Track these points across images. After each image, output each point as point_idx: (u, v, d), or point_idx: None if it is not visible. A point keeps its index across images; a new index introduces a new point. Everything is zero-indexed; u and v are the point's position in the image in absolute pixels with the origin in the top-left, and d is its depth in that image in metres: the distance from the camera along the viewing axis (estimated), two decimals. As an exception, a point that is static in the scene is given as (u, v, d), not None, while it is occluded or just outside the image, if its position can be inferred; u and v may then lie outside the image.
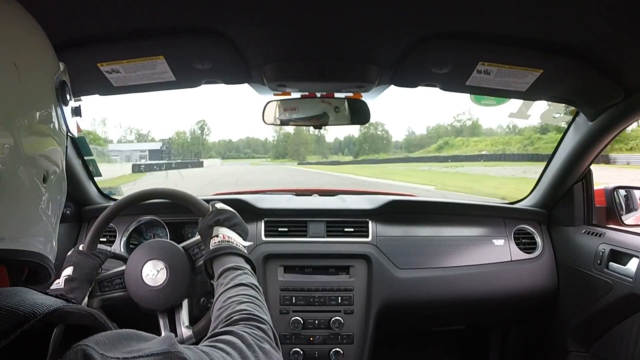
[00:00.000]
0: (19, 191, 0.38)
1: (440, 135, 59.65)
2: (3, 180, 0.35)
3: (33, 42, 0.41)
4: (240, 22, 0.79)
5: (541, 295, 1.34)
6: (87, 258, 0.92)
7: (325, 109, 1.13)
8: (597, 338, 1.22)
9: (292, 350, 1.21)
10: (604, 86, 0.96)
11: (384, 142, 66.22)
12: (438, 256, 1.32)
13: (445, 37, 0.83)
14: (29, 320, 0.31)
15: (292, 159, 58.13)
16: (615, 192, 1.33)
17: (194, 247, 0.94)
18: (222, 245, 0.80)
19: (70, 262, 0.90)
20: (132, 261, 0.92)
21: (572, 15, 0.74)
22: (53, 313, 0.33)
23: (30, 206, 0.40)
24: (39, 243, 0.42)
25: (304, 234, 1.32)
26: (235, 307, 0.59)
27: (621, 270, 1.10)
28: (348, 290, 1.24)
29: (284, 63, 0.96)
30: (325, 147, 69.51)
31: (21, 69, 0.37)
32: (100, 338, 0.34)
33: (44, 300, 0.34)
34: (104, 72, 0.92)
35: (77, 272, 0.89)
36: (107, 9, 0.75)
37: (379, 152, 60.61)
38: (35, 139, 0.39)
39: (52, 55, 0.45)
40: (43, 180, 0.41)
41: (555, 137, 1.36)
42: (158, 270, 0.89)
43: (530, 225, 1.41)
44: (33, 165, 0.39)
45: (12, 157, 0.36)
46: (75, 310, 0.35)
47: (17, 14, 0.40)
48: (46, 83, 0.42)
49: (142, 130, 76.61)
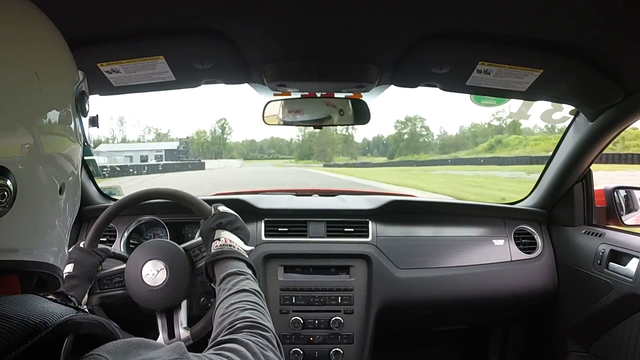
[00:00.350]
0: (37, 199, 0.38)
1: (476, 135, 54.08)
2: (24, 189, 0.35)
3: (54, 52, 0.41)
4: (241, 22, 0.79)
5: (541, 295, 1.34)
6: (87, 255, 0.92)
7: (330, 111, 1.14)
8: (597, 338, 1.22)
9: (292, 350, 1.21)
10: (604, 86, 0.96)
11: (425, 141, 59.81)
12: (438, 256, 1.32)
13: (445, 37, 0.83)
14: (40, 331, 0.31)
15: (318, 159, 55.27)
16: (615, 192, 1.33)
17: (195, 248, 0.94)
18: (224, 249, 0.80)
19: (71, 259, 0.90)
20: (132, 261, 0.92)
21: (573, 15, 0.74)
22: (65, 324, 0.33)
23: (46, 215, 0.40)
24: (52, 254, 0.42)
25: (304, 234, 1.32)
26: (239, 314, 0.59)
27: (621, 270, 1.10)
28: (348, 290, 1.24)
29: (284, 63, 0.96)
30: (354, 147, 65.41)
31: (42, 79, 0.37)
32: (111, 347, 0.34)
33: (54, 309, 0.34)
34: (104, 72, 0.92)
35: (78, 270, 0.89)
36: (107, 8, 0.75)
37: (419, 152, 54.60)
38: (54, 146, 0.39)
39: (72, 65, 0.45)
40: (59, 190, 0.41)
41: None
42: (158, 271, 0.89)
43: (530, 226, 1.41)
44: (51, 169, 0.39)
45: (31, 161, 0.36)
46: (86, 320, 0.35)
47: (39, 24, 0.40)
48: (66, 93, 0.42)
49: (161, 129, 75.47)
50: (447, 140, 59.06)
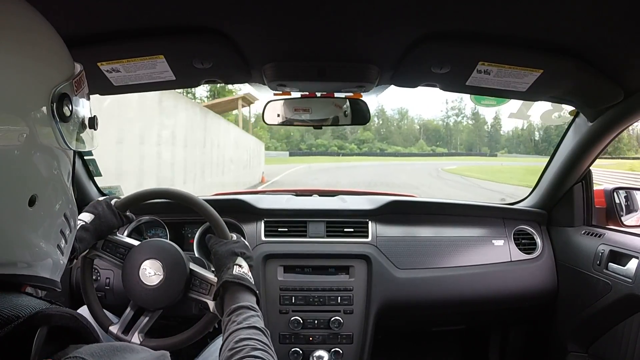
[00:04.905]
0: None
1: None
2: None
3: (30, 48, 0.39)
4: (241, 21, 0.79)
5: (541, 296, 1.34)
6: (111, 215, 0.88)
7: (336, 111, 1.14)
8: (597, 338, 1.22)
9: (292, 350, 1.21)
10: (604, 86, 0.96)
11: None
12: (438, 256, 1.32)
13: (445, 37, 0.83)
14: (12, 322, 0.32)
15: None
16: (615, 192, 1.33)
17: (200, 279, 0.89)
18: (246, 276, 0.79)
19: (94, 212, 0.86)
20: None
21: (573, 16, 0.74)
22: (35, 316, 0.34)
23: (14, 228, 0.38)
24: (48, 269, 0.42)
25: (303, 234, 1.32)
26: (250, 351, 0.59)
27: (620, 271, 1.10)
28: (348, 290, 1.24)
29: (284, 63, 0.96)
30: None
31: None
32: (95, 349, 0.35)
33: (27, 302, 0.35)
34: (104, 71, 0.92)
35: (94, 225, 0.85)
36: (107, 8, 0.75)
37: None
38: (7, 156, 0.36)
39: (51, 63, 0.41)
40: (29, 202, 0.38)
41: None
42: (155, 270, 0.88)
43: (530, 226, 1.41)
44: (11, 179, 0.36)
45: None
46: (57, 312, 0.36)
47: (23, 18, 0.39)
48: (38, 95, 0.39)
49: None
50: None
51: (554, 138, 40.94)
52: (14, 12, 0.38)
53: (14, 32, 0.37)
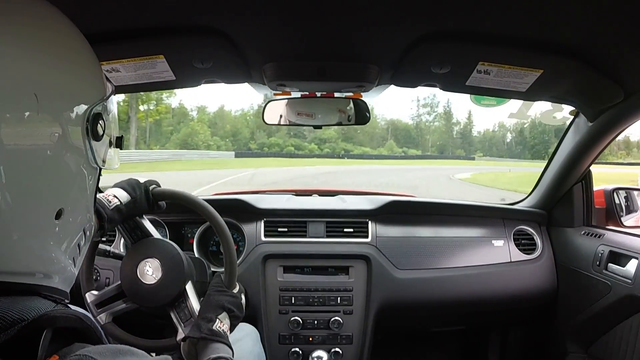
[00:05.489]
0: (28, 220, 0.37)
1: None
2: (16, 211, 0.35)
3: (64, 67, 0.39)
4: (241, 21, 0.79)
5: (540, 297, 1.34)
6: (146, 201, 0.85)
7: (341, 118, 1.15)
8: (596, 339, 1.22)
9: (291, 351, 1.21)
10: (604, 86, 0.96)
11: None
12: (437, 257, 1.32)
13: (445, 37, 0.83)
14: (16, 325, 0.32)
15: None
16: (614, 193, 1.33)
17: (185, 301, 0.86)
18: (222, 334, 0.76)
19: (133, 194, 0.83)
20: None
21: (573, 16, 0.74)
22: (40, 318, 0.34)
23: (41, 239, 0.39)
24: (62, 281, 0.42)
25: (303, 234, 1.31)
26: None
27: (620, 271, 1.10)
28: (347, 291, 1.24)
29: (284, 62, 0.96)
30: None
31: (42, 100, 0.35)
32: (102, 350, 0.35)
33: (34, 304, 0.35)
34: (104, 71, 0.91)
35: (128, 207, 0.82)
36: (107, 7, 0.75)
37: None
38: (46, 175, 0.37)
39: (91, 83, 0.43)
40: (56, 215, 0.39)
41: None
42: (153, 269, 0.88)
43: (530, 226, 1.41)
44: (44, 193, 0.38)
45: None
46: (62, 314, 0.36)
47: (58, 31, 0.40)
48: (72, 116, 0.40)
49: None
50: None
51: (529, 141, 40.59)
52: (62, 31, 0.41)
53: (62, 50, 0.39)
